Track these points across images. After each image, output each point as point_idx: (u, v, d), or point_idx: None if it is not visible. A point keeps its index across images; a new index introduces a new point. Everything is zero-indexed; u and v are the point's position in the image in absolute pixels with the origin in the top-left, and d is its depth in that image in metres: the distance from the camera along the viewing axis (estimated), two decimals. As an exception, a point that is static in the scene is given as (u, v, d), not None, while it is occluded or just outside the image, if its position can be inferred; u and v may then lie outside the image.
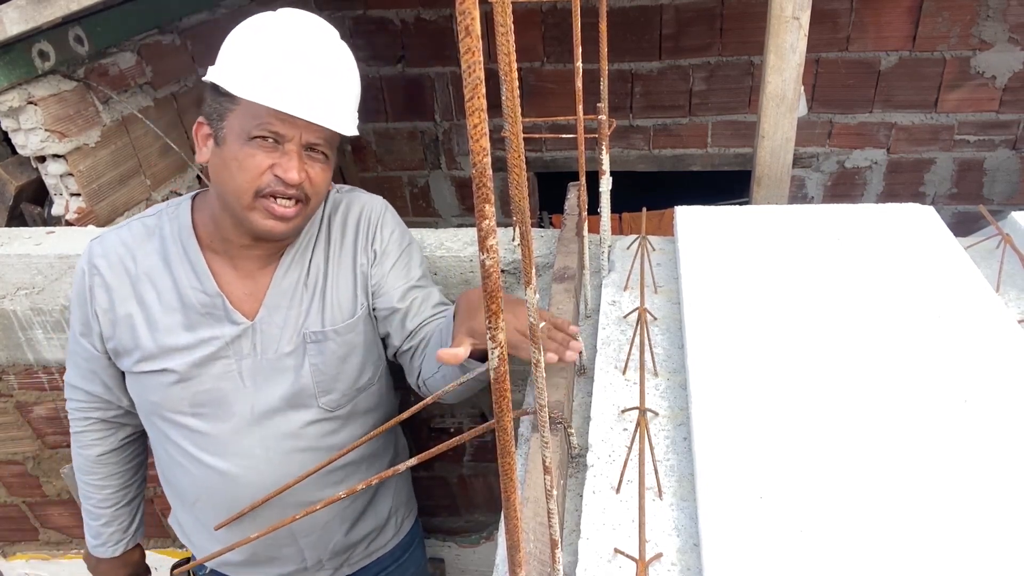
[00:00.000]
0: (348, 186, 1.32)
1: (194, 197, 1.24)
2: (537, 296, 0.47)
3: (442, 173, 3.40)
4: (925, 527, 0.72)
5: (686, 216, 1.33)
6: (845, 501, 0.76)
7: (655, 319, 1.18)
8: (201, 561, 0.81)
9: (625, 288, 1.28)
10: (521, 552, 0.50)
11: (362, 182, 3.45)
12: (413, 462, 0.96)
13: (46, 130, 1.69)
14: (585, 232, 1.29)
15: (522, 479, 0.87)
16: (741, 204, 1.42)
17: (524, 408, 1.00)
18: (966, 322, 1.00)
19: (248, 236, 1.17)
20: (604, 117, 1.13)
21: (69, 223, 1.78)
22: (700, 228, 1.28)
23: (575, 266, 1.25)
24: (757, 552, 0.71)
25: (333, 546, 1.36)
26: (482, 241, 0.37)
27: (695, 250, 1.22)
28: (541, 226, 3.46)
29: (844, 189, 3.17)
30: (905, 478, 0.78)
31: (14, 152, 1.77)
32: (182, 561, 1.52)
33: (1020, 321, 1.06)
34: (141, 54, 1.98)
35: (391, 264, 1.27)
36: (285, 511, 1.26)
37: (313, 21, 1.11)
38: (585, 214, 1.25)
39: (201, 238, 1.20)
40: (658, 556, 0.78)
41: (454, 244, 1.51)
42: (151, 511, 1.99)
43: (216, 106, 1.09)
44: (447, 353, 0.95)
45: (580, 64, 1.00)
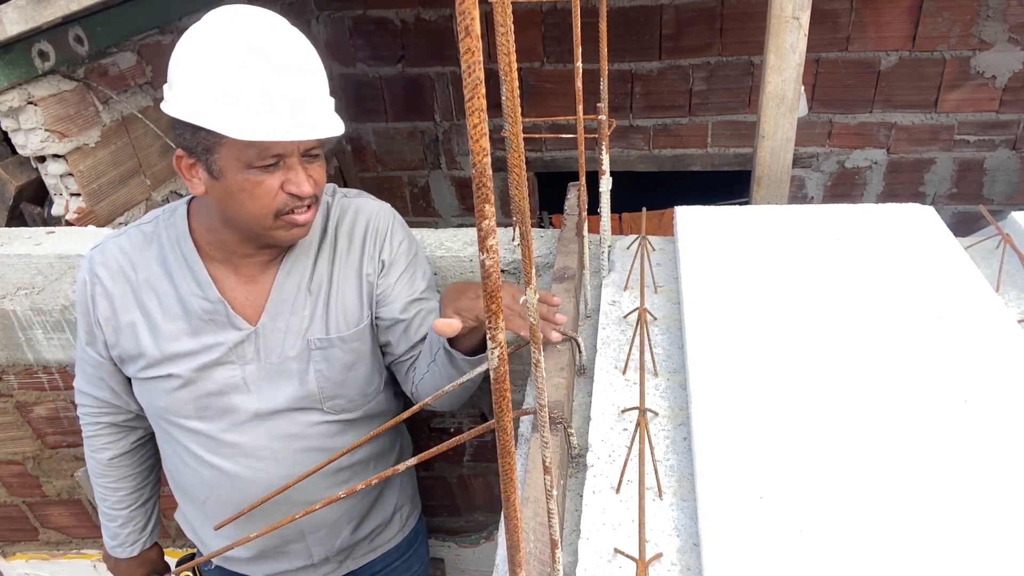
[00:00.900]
0: (355, 191, 1.31)
1: (189, 202, 1.23)
2: (537, 296, 0.47)
3: (442, 173, 3.40)
4: (925, 527, 0.72)
5: (686, 216, 1.33)
6: (845, 501, 0.76)
7: (655, 319, 1.18)
8: (206, 558, 0.81)
9: (625, 288, 1.28)
10: (521, 552, 0.50)
11: (362, 182, 3.45)
12: (413, 462, 0.96)
13: (46, 130, 1.69)
14: (585, 232, 1.29)
15: (522, 479, 0.87)
16: (741, 204, 1.42)
17: (524, 408, 1.00)
18: (966, 322, 1.00)
19: (254, 246, 1.17)
20: (604, 117, 1.13)
21: (69, 223, 1.78)
22: (700, 228, 1.28)
23: (575, 266, 1.25)
24: (757, 552, 0.71)
25: (340, 543, 1.37)
26: (482, 241, 0.37)
27: (695, 250, 1.22)
28: (541, 226, 3.46)
29: (844, 189, 3.17)
30: (905, 478, 0.78)
31: (14, 152, 1.77)
32: (186, 558, 1.52)
33: (1020, 321, 1.06)
34: (141, 54, 1.98)
35: (397, 275, 1.27)
36: (293, 509, 1.26)
37: (262, 20, 1.03)
38: (585, 214, 1.25)
39: (199, 245, 1.19)
40: (658, 556, 0.78)
41: (454, 244, 1.51)
42: (151, 511, 1.99)
43: (199, 140, 1.04)
44: (441, 322, 1.00)
45: (580, 64, 1.00)
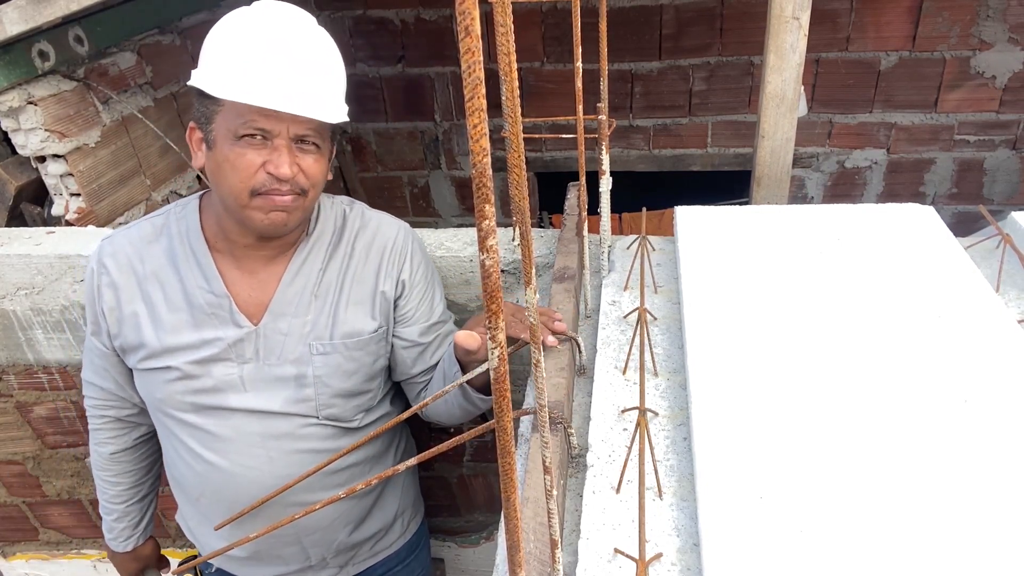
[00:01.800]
0: (374, 210, 1.32)
1: (201, 197, 1.24)
2: (537, 296, 0.47)
3: (442, 173, 3.40)
4: (925, 527, 0.72)
5: (686, 216, 1.33)
6: (845, 501, 0.76)
7: (655, 319, 1.18)
8: (204, 559, 0.81)
9: (625, 288, 1.28)
10: (521, 552, 0.50)
11: (362, 182, 3.45)
12: (413, 462, 0.96)
13: (46, 130, 1.69)
14: (585, 232, 1.29)
15: (522, 479, 0.87)
16: (741, 204, 1.42)
17: (524, 408, 1.00)
18: (966, 322, 1.00)
19: (251, 235, 1.17)
20: (604, 117, 1.13)
21: (69, 223, 1.78)
22: (700, 228, 1.28)
23: (575, 266, 1.25)
24: (757, 552, 0.71)
25: (337, 546, 1.36)
26: (482, 241, 0.37)
27: (695, 250, 1.22)
28: (541, 226, 3.46)
29: (844, 189, 3.17)
30: (905, 478, 0.78)
31: (14, 152, 1.77)
32: (188, 559, 1.52)
33: (1020, 321, 1.06)
34: (141, 54, 1.98)
35: (419, 298, 1.29)
36: (287, 511, 1.26)
37: (289, 11, 1.09)
38: (585, 214, 1.25)
39: (208, 239, 1.20)
40: (658, 556, 0.78)
41: (454, 244, 1.51)
42: (151, 511, 1.99)
43: (203, 110, 1.09)
44: (462, 335, 1.02)
45: (580, 64, 1.00)
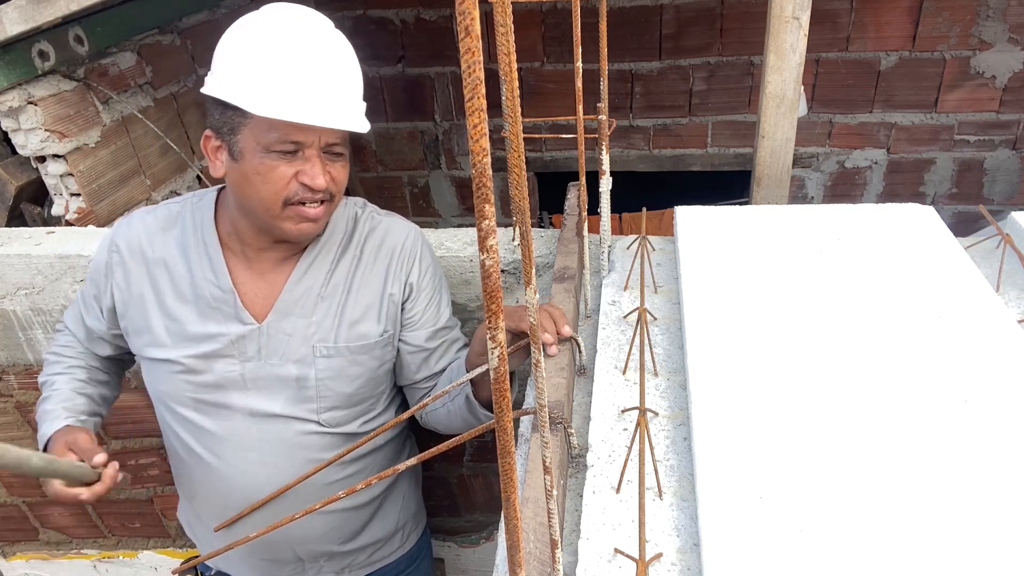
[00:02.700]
0: (385, 211, 1.32)
1: (219, 191, 1.24)
2: (537, 296, 0.47)
3: (442, 173, 3.40)
4: (925, 527, 0.72)
5: (686, 216, 1.33)
6: (845, 501, 0.76)
7: (655, 319, 1.18)
8: (204, 559, 0.81)
9: (625, 288, 1.27)
10: (521, 552, 0.50)
11: (362, 182, 3.45)
12: (412, 462, 0.96)
13: (46, 130, 1.69)
14: (585, 232, 1.29)
15: (522, 479, 0.87)
16: (741, 204, 1.42)
17: (524, 408, 1.00)
18: (966, 322, 1.00)
19: (268, 240, 1.17)
20: (604, 117, 1.13)
21: (69, 223, 1.78)
22: (700, 228, 1.28)
23: (575, 266, 1.25)
24: (757, 552, 0.71)
25: (330, 555, 1.35)
26: (482, 241, 0.37)
27: (695, 250, 1.22)
28: (541, 226, 3.46)
29: (844, 189, 3.17)
30: (905, 478, 0.78)
31: (14, 152, 1.77)
32: (189, 559, 1.52)
33: (1020, 321, 1.06)
34: (141, 54, 1.98)
35: (425, 303, 1.28)
36: (280, 518, 1.26)
37: (308, 16, 1.08)
38: (585, 214, 1.25)
39: (220, 234, 1.21)
40: (658, 556, 0.78)
41: (454, 244, 1.51)
42: (151, 511, 1.99)
43: (226, 120, 1.07)
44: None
45: (580, 64, 1.00)
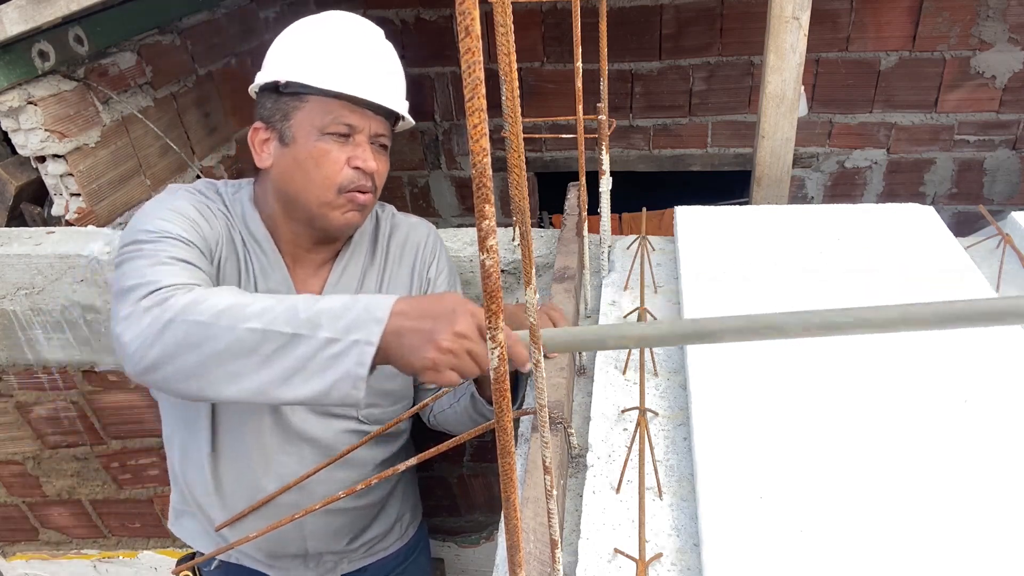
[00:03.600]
0: (400, 211, 1.33)
1: (255, 189, 1.19)
2: (537, 296, 0.47)
3: (442, 173, 3.40)
4: (925, 527, 0.72)
5: (686, 216, 1.33)
6: (845, 501, 0.76)
7: (655, 319, 1.18)
8: (204, 559, 0.81)
9: (625, 288, 1.27)
10: (521, 552, 0.50)
11: (362, 182, 3.45)
12: (413, 462, 0.96)
13: (46, 130, 1.68)
14: (585, 232, 1.29)
15: (522, 479, 0.87)
16: (741, 204, 1.42)
17: (524, 408, 1.00)
18: (966, 322, 1.00)
19: (309, 239, 1.17)
20: (604, 117, 1.13)
21: (69, 223, 1.78)
22: (700, 228, 1.28)
23: (575, 266, 1.25)
24: (757, 552, 0.71)
25: (339, 548, 1.37)
26: (482, 241, 0.37)
27: (695, 250, 1.22)
28: (541, 226, 3.46)
29: (844, 189, 3.16)
30: (905, 478, 0.78)
31: (14, 152, 1.77)
32: (186, 557, 1.52)
33: (1020, 321, 1.06)
34: (141, 54, 1.98)
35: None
36: (292, 510, 1.26)
37: (362, 20, 1.14)
38: (585, 214, 1.25)
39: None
40: (658, 556, 0.78)
41: (454, 244, 1.51)
42: (151, 511, 1.99)
43: (279, 107, 1.09)
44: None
45: (580, 64, 1.00)
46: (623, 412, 0.99)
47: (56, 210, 1.79)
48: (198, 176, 2.19)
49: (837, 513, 0.75)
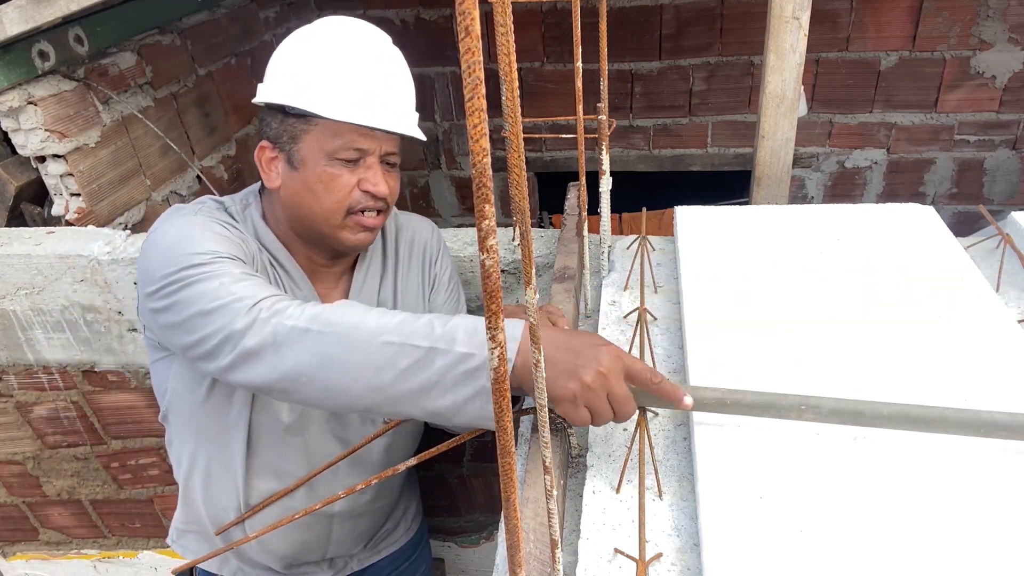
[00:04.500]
0: (400, 210, 1.32)
1: (262, 205, 1.17)
2: (537, 296, 0.47)
3: (442, 173, 3.40)
4: (925, 527, 0.72)
5: (686, 216, 1.33)
6: (845, 501, 0.76)
7: (655, 319, 1.18)
8: (204, 560, 0.81)
9: (625, 288, 1.27)
10: (521, 552, 0.50)
11: (362, 182, 3.45)
12: (413, 462, 0.96)
13: (46, 130, 1.68)
14: (585, 232, 1.29)
15: (522, 479, 0.87)
16: (741, 204, 1.42)
17: (524, 408, 1.00)
18: (966, 322, 1.00)
19: (324, 255, 1.16)
20: (604, 117, 1.13)
21: (69, 223, 1.78)
22: (700, 228, 1.28)
23: (575, 266, 1.25)
24: (757, 552, 0.71)
25: (357, 551, 1.39)
26: (482, 241, 0.37)
27: (695, 250, 1.22)
28: (541, 226, 3.46)
29: (844, 189, 3.17)
30: (905, 478, 0.78)
31: (14, 152, 1.77)
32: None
33: (1020, 321, 1.06)
34: (141, 54, 1.98)
35: (444, 297, 1.30)
36: (327, 518, 1.28)
37: (367, 28, 1.09)
38: (585, 214, 1.25)
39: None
40: (658, 556, 0.78)
41: (454, 244, 1.51)
42: (151, 511, 1.99)
43: (287, 129, 1.06)
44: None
45: (580, 64, 1.00)
46: (623, 412, 0.99)
47: (56, 210, 1.79)
48: (198, 176, 2.19)
49: (837, 513, 0.75)
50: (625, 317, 1.20)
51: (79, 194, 1.77)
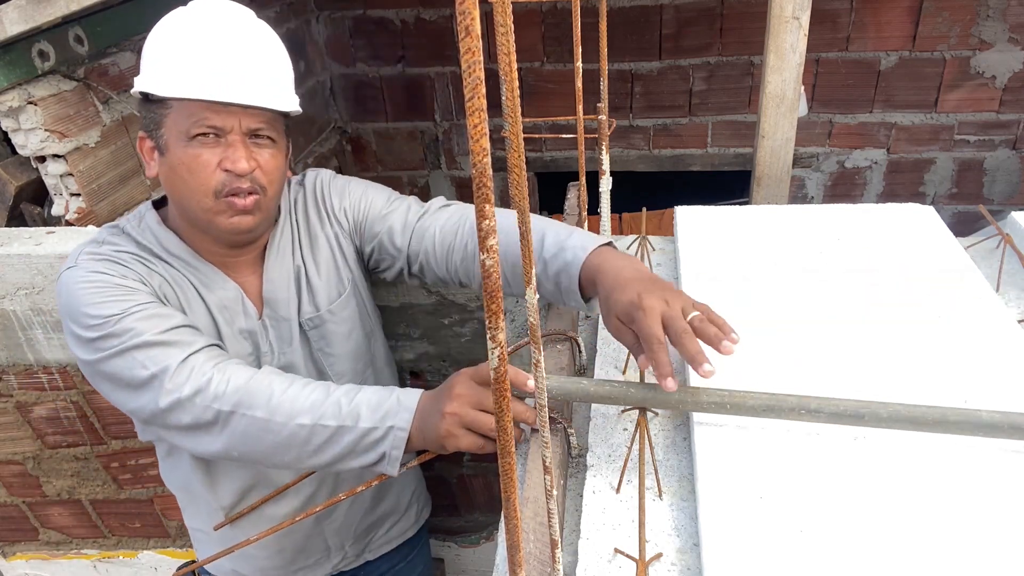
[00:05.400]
0: (299, 174, 1.29)
1: (158, 211, 1.16)
2: (537, 296, 0.47)
3: (442, 173, 3.40)
4: (925, 528, 0.72)
5: (686, 216, 1.33)
6: (845, 501, 0.76)
7: (655, 319, 1.18)
8: (205, 561, 0.81)
9: (625, 288, 1.27)
10: (521, 552, 0.50)
11: (362, 182, 3.45)
12: (414, 463, 0.96)
13: (46, 130, 1.68)
14: (585, 232, 1.28)
15: (522, 479, 0.87)
16: (741, 204, 1.42)
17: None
18: (966, 322, 1.00)
19: (225, 242, 1.13)
20: (604, 117, 1.13)
21: (69, 223, 1.78)
22: (700, 228, 1.28)
23: (575, 266, 1.25)
24: (757, 552, 0.71)
25: (355, 528, 1.38)
26: (482, 241, 0.37)
27: (695, 250, 1.22)
28: (541, 226, 3.45)
29: (844, 189, 3.17)
30: (905, 479, 0.78)
31: (14, 152, 1.77)
32: (188, 562, 1.52)
33: (1020, 321, 1.06)
34: (141, 54, 1.98)
35: (364, 207, 1.24)
36: (307, 506, 1.27)
37: (227, 6, 1.07)
38: (585, 214, 1.25)
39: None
40: (658, 556, 0.78)
41: (454, 244, 1.51)
42: (151, 511, 1.99)
43: (151, 116, 1.05)
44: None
45: (580, 64, 1.00)
46: (623, 412, 0.99)
47: (56, 210, 1.79)
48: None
49: (837, 513, 0.75)
50: (625, 317, 1.20)
51: (79, 194, 1.77)
